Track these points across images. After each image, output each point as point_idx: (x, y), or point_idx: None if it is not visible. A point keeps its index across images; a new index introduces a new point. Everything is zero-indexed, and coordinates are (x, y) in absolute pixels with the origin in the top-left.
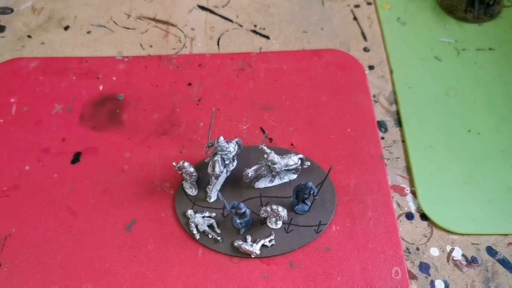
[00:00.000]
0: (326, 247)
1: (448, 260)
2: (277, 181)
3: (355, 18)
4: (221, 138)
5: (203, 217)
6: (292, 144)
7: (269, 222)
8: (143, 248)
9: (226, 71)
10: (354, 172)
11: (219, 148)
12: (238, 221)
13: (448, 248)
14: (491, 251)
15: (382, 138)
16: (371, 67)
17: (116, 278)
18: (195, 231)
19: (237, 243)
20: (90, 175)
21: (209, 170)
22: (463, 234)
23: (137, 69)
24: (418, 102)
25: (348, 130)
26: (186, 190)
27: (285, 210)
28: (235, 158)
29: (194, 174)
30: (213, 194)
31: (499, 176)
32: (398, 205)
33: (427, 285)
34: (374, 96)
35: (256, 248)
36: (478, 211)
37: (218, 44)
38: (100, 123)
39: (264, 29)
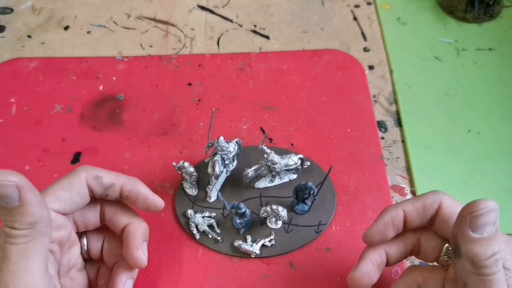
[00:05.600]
0: (326, 247)
1: None
2: (277, 181)
3: (355, 18)
4: (221, 138)
5: (203, 217)
6: (292, 144)
7: (269, 222)
8: None
9: (226, 71)
10: (354, 172)
11: (219, 148)
12: (238, 221)
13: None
14: None
15: (382, 138)
16: (371, 67)
17: None
18: (195, 231)
19: (237, 243)
20: None
21: (209, 170)
22: None
23: (137, 69)
24: (418, 102)
25: (348, 130)
26: (186, 190)
27: (285, 210)
28: (235, 158)
29: (194, 174)
30: (213, 194)
31: (499, 176)
32: None
33: None
34: (374, 96)
35: (256, 248)
36: None
37: (218, 44)
38: (100, 123)
39: (264, 29)
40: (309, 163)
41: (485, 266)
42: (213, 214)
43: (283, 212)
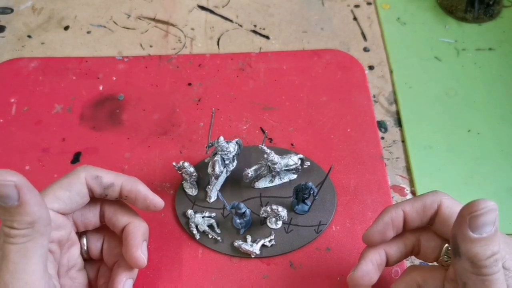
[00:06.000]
0: (326, 247)
1: None
2: (277, 181)
3: (355, 18)
4: (221, 138)
5: (203, 217)
6: (292, 144)
7: (269, 222)
8: None
9: (226, 71)
10: (354, 172)
11: (219, 148)
12: (238, 221)
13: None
14: None
15: (382, 138)
16: (371, 67)
17: None
18: (195, 231)
19: (237, 243)
20: None
21: (209, 170)
22: None
23: (137, 69)
24: (418, 102)
25: (348, 130)
26: (186, 190)
27: (285, 210)
28: (235, 158)
29: (194, 174)
30: (213, 194)
31: (499, 176)
32: None
33: None
34: (374, 96)
35: (256, 248)
36: None
37: (218, 44)
38: (100, 123)
39: (264, 29)
40: (309, 163)
41: (485, 266)
42: (213, 214)
43: (283, 212)
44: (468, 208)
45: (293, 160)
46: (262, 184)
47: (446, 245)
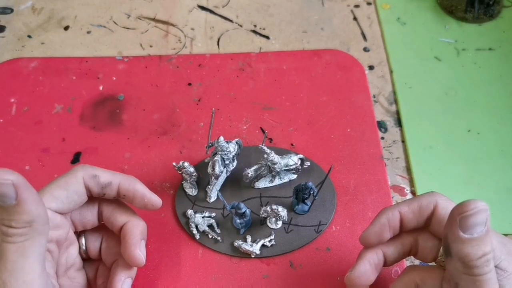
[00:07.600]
0: (326, 247)
1: None
2: (277, 181)
3: (355, 18)
4: (221, 138)
5: (203, 217)
6: (292, 144)
7: (269, 222)
8: None
9: (226, 71)
10: (354, 172)
11: (219, 148)
12: (238, 221)
13: None
14: None
15: (382, 138)
16: (371, 67)
17: None
18: (195, 231)
19: (237, 243)
20: None
21: (209, 170)
22: None
23: (137, 69)
24: (418, 102)
25: (348, 130)
26: (186, 190)
27: (285, 210)
28: (235, 158)
29: (194, 174)
30: (213, 194)
31: (499, 176)
32: None
33: None
34: (374, 96)
35: (256, 248)
36: None
37: (218, 44)
38: (100, 123)
39: (264, 29)
40: (309, 163)
41: (476, 266)
42: (213, 214)
43: (283, 212)
44: (459, 208)
45: (293, 160)
46: (262, 184)
47: None
